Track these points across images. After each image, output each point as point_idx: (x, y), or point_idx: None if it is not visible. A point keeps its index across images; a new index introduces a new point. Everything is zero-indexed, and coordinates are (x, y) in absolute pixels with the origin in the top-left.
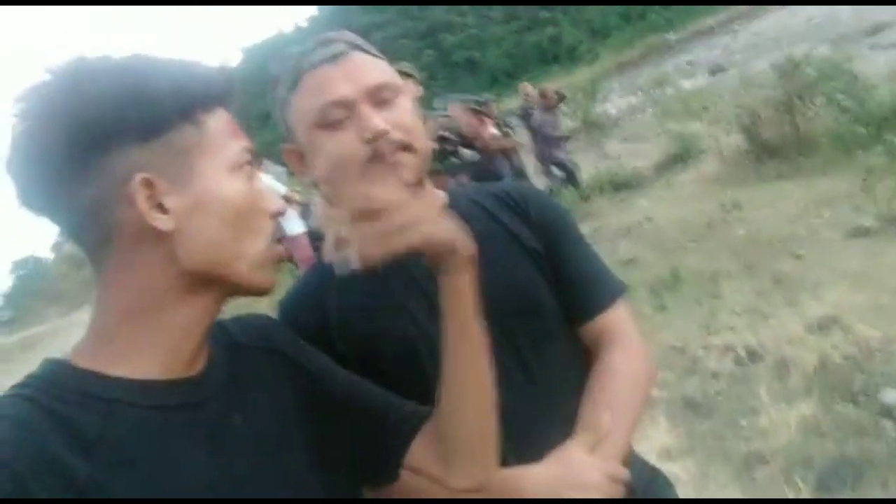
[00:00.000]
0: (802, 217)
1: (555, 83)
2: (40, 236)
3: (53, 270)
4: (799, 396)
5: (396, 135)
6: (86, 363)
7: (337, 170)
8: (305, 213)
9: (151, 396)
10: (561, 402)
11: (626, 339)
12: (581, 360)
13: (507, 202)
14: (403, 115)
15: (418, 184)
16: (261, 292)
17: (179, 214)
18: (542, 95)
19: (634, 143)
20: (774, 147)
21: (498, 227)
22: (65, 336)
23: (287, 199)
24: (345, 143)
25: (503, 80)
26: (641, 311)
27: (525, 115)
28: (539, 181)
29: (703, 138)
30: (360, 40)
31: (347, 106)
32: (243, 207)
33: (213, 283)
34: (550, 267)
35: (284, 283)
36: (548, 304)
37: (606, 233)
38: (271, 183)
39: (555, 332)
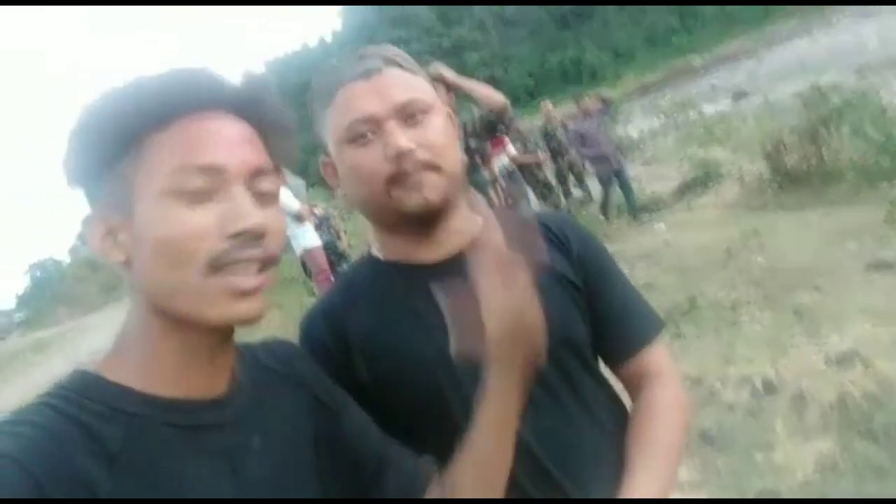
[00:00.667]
0: (824, 248)
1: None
2: (59, 238)
3: (70, 273)
4: (816, 432)
5: (422, 154)
6: (113, 375)
7: (362, 186)
8: (323, 225)
9: (174, 415)
10: (589, 436)
11: (667, 379)
12: (608, 397)
13: (546, 235)
14: (432, 134)
15: (447, 205)
16: (221, 327)
17: (129, 248)
18: (585, 111)
19: (655, 167)
20: (797, 176)
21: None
22: (77, 339)
23: (301, 215)
24: (370, 160)
25: (524, 98)
26: None
27: (546, 135)
28: (547, 203)
29: (724, 164)
30: (399, 55)
31: (375, 122)
32: (168, 238)
33: (171, 315)
34: (589, 302)
35: (300, 297)
36: (581, 340)
37: (624, 256)
38: (284, 195)
39: (586, 368)
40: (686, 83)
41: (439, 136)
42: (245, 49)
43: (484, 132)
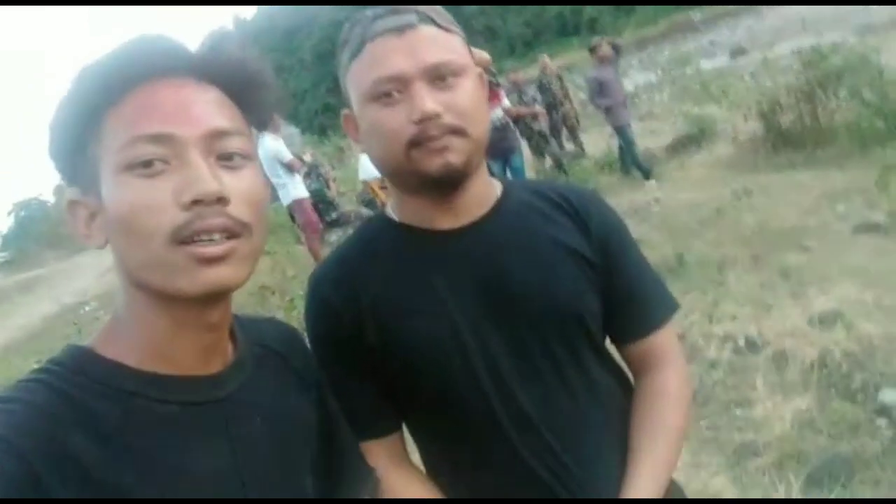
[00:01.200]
0: (813, 209)
1: (573, 56)
2: (45, 177)
3: (55, 214)
4: (796, 390)
5: (448, 118)
6: (108, 352)
7: (384, 146)
8: (312, 173)
9: (170, 391)
10: (592, 412)
11: (675, 360)
12: (614, 375)
13: (565, 208)
14: (460, 98)
15: (469, 169)
16: (195, 296)
17: (105, 228)
18: (599, 55)
19: (650, 122)
20: (791, 136)
21: (548, 233)
22: (63, 280)
23: (292, 166)
24: (394, 120)
25: (521, 49)
26: None
27: (541, 88)
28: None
29: (719, 121)
30: (436, 11)
31: (402, 81)
32: (128, 214)
33: (151, 290)
34: (604, 280)
35: (288, 245)
36: (591, 316)
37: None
38: (276, 145)
39: (593, 344)
40: (685, 38)
41: (468, 100)
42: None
43: None
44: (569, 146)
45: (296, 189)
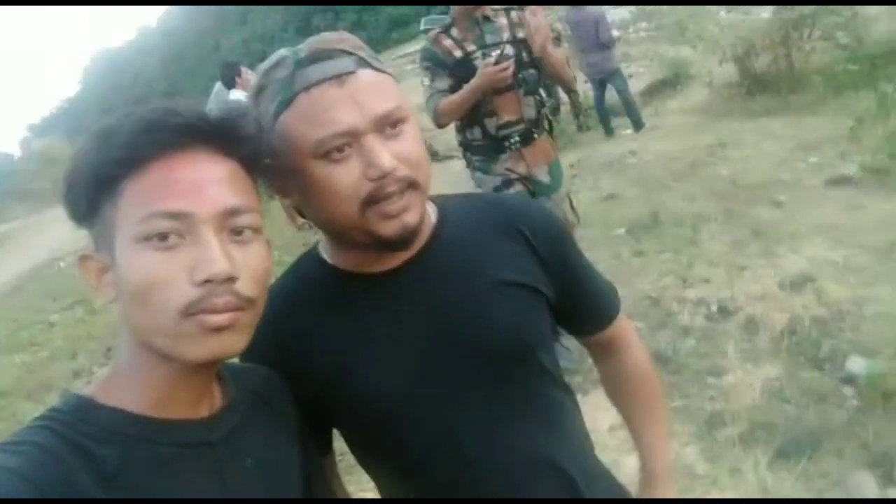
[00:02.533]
0: (787, 161)
1: None
2: (10, 131)
3: (21, 168)
4: (766, 358)
5: (403, 171)
6: (106, 399)
7: (333, 205)
8: None
9: (166, 434)
10: (538, 441)
11: (632, 341)
12: (563, 400)
13: (508, 232)
14: (410, 147)
15: (421, 225)
16: (200, 363)
17: (114, 286)
18: None
19: (625, 65)
20: (766, 81)
21: (487, 263)
22: (34, 235)
23: None
24: (345, 178)
25: None
26: (619, 254)
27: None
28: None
29: (694, 65)
30: (363, 49)
31: (352, 136)
32: (140, 285)
33: (155, 350)
34: (558, 291)
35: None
36: (533, 341)
37: (589, 164)
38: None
39: (541, 367)
40: None
41: (417, 148)
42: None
43: None
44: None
45: None
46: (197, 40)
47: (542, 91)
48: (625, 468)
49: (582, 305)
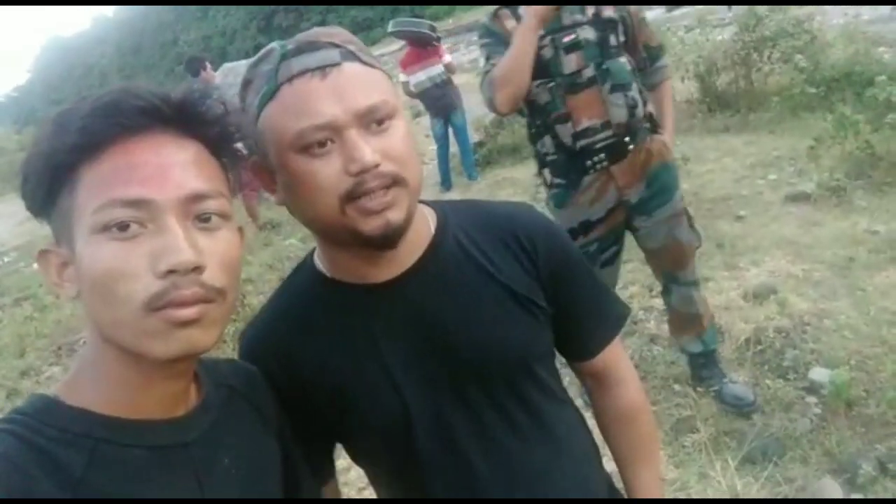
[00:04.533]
0: (747, 177)
1: None
2: None
3: None
4: (731, 367)
5: (387, 167)
6: (72, 399)
7: (314, 201)
8: None
9: (137, 436)
10: (548, 460)
11: (626, 376)
12: (569, 416)
13: (509, 244)
14: (396, 142)
15: (408, 224)
16: (167, 360)
17: (76, 280)
18: None
19: None
20: (726, 99)
21: (487, 277)
22: None
23: None
24: (325, 172)
25: None
26: None
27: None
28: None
29: None
30: (353, 42)
31: (333, 130)
32: (101, 278)
33: (121, 347)
34: (554, 309)
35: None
36: (534, 358)
37: None
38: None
39: (542, 384)
40: None
41: (404, 144)
42: None
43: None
44: None
45: None
46: (155, 32)
47: (635, 85)
48: None
49: (573, 325)
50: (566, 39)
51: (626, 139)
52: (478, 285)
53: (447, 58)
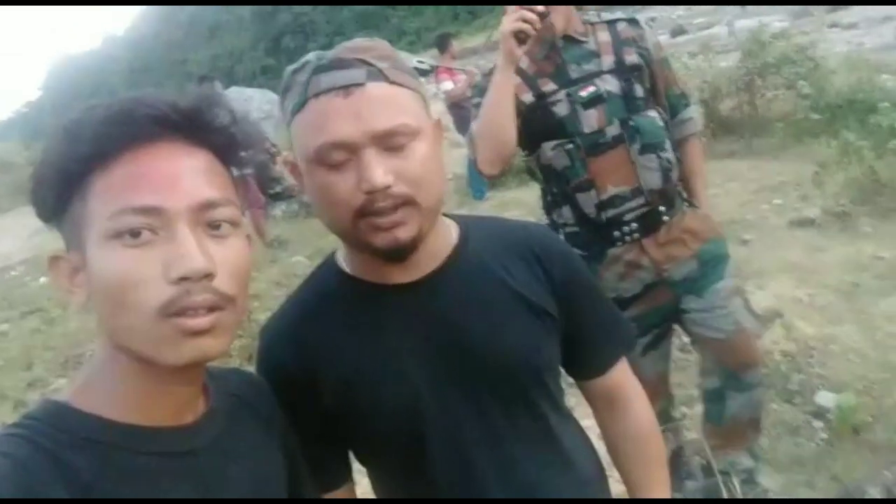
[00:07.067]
0: (752, 201)
1: None
2: None
3: None
4: None
5: (400, 188)
6: (84, 405)
7: (330, 211)
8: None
9: (147, 442)
10: (553, 469)
11: (635, 397)
12: (573, 428)
13: (526, 257)
14: (412, 164)
15: (419, 241)
16: (179, 368)
17: (87, 286)
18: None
19: None
20: (730, 124)
21: (506, 286)
22: None
23: None
24: (341, 187)
25: (465, 16)
26: None
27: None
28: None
29: None
30: (386, 60)
31: (349, 149)
32: (114, 285)
33: (132, 354)
34: (564, 324)
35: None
36: (546, 369)
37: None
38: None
39: (550, 396)
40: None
41: (421, 166)
42: None
43: None
44: None
45: None
46: (165, 52)
47: (669, 144)
48: None
49: (582, 344)
50: (584, 92)
51: (662, 208)
52: (495, 293)
53: (447, 84)
